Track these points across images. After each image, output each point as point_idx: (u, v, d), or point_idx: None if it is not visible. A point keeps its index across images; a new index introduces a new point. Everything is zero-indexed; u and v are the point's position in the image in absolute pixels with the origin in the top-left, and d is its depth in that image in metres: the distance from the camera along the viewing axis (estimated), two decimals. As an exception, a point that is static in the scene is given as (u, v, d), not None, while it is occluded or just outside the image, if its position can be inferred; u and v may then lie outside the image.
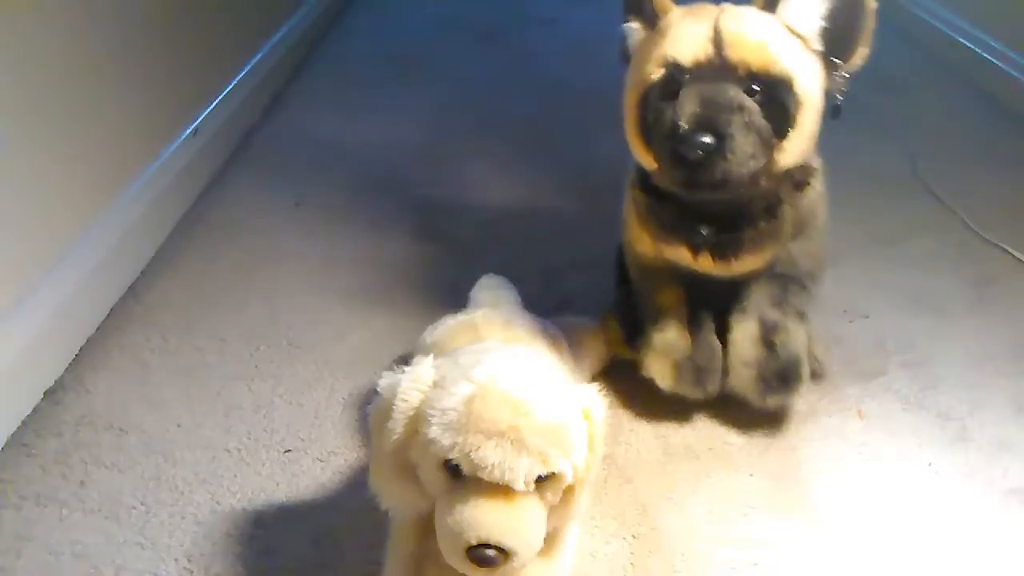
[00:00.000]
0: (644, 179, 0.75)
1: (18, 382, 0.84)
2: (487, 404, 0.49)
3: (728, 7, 0.65)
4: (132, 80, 1.13)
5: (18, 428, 0.83)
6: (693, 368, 0.78)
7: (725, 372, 0.79)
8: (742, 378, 0.77)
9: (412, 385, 0.52)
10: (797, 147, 0.65)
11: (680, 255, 0.76)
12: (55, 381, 0.90)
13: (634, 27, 0.72)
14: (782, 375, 0.76)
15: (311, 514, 0.74)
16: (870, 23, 0.65)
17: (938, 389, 0.87)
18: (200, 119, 1.31)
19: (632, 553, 0.70)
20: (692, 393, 0.79)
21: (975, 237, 1.12)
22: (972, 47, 1.60)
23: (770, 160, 0.64)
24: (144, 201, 1.12)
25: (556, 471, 0.50)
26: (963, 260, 1.08)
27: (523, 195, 1.28)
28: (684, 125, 0.61)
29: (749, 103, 0.62)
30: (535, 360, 0.56)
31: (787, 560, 0.69)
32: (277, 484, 0.77)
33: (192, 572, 0.69)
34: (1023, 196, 1.22)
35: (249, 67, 1.55)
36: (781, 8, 0.65)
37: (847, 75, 0.67)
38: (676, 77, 0.64)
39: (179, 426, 0.84)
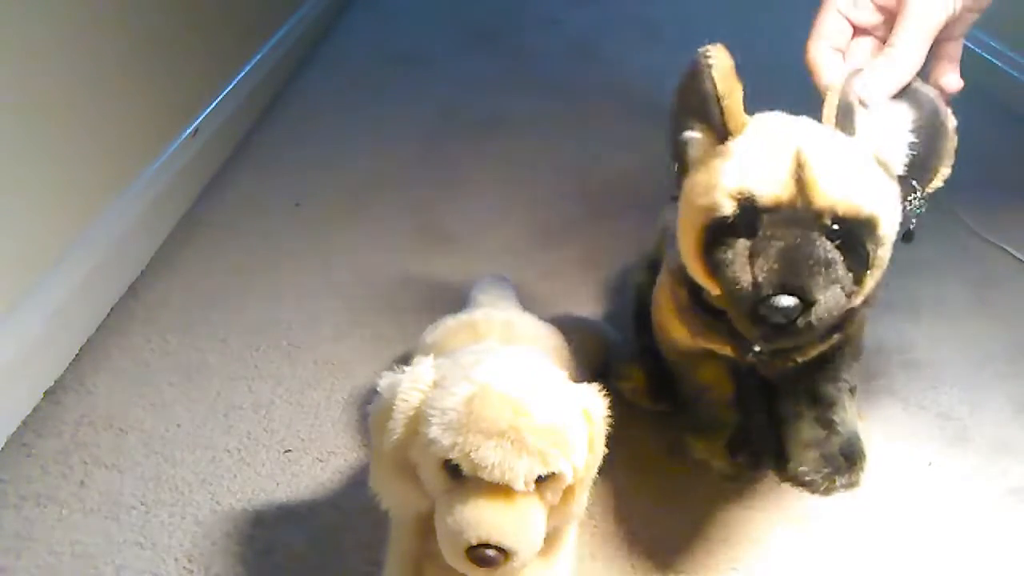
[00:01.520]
0: (692, 284, 0.65)
1: (18, 382, 0.84)
2: (487, 404, 0.49)
3: (809, 128, 0.57)
4: (132, 80, 1.13)
5: (18, 428, 0.83)
6: (748, 447, 0.75)
7: (779, 454, 0.77)
8: (805, 462, 0.75)
9: (412, 385, 0.52)
10: (872, 285, 0.59)
11: (723, 350, 0.70)
12: (55, 381, 0.90)
13: (696, 137, 0.60)
14: (846, 452, 0.74)
15: (311, 514, 0.74)
16: (952, 144, 0.58)
17: (938, 390, 0.87)
18: (200, 119, 1.31)
19: (632, 554, 0.70)
20: (751, 470, 0.76)
21: (975, 238, 1.12)
22: (972, 47, 1.60)
23: (848, 305, 0.58)
24: (144, 201, 1.12)
25: (556, 471, 0.50)
26: (964, 261, 1.08)
27: (523, 195, 1.28)
28: (766, 287, 0.53)
29: (835, 255, 0.55)
30: (535, 360, 0.56)
31: (788, 560, 0.69)
32: (277, 484, 0.77)
33: (192, 572, 0.69)
34: (1023, 196, 1.22)
35: (249, 67, 1.55)
36: (860, 128, 0.57)
37: (924, 199, 0.60)
38: (751, 215, 0.55)
39: (179, 426, 0.84)
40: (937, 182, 0.60)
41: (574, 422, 0.52)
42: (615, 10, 2.12)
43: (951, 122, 0.58)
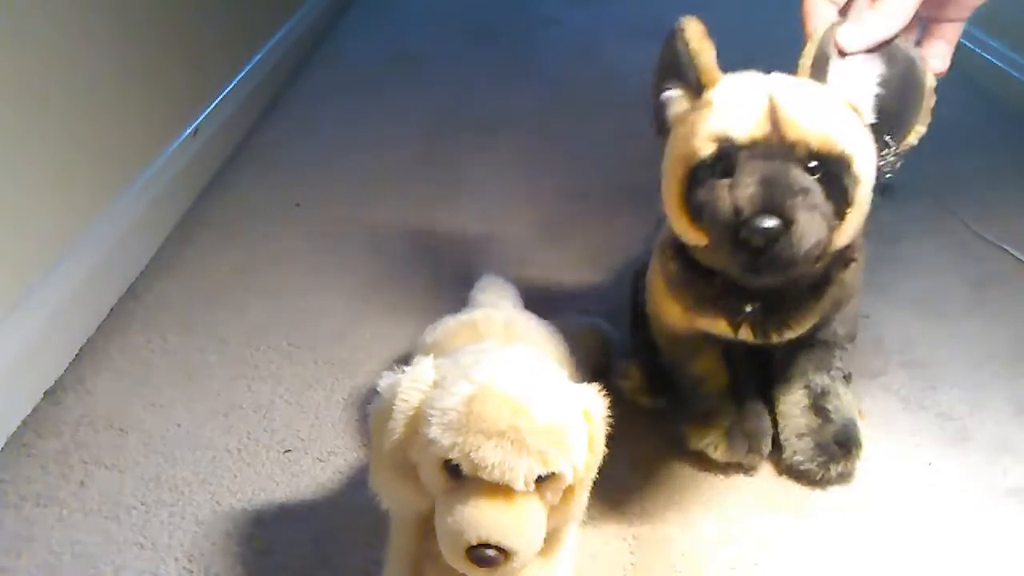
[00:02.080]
0: (682, 251, 0.69)
1: (18, 382, 0.84)
2: (487, 404, 0.49)
3: (781, 78, 0.60)
4: (132, 80, 1.13)
5: (18, 428, 0.83)
6: (744, 435, 0.75)
7: (775, 443, 0.77)
8: (800, 450, 0.75)
9: (412, 385, 0.52)
10: (853, 226, 0.61)
11: (716, 326, 0.71)
12: (55, 381, 0.90)
13: (675, 95, 0.64)
14: (840, 440, 0.74)
15: (311, 514, 0.74)
16: (928, 101, 0.60)
17: (938, 389, 0.87)
18: (200, 119, 1.32)
19: (632, 553, 0.70)
20: (748, 461, 0.76)
21: (975, 237, 1.12)
22: (972, 47, 1.60)
23: (828, 240, 0.60)
24: (144, 201, 1.12)
25: (556, 471, 0.50)
26: (963, 260, 1.08)
27: (523, 195, 1.28)
28: (747, 210, 0.55)
29: (812, 184, 0.57)
30: (535, 360, 0.56)
31: (787, 560, 0.69)
32: (277, 484, 0.77)
33: (192, 572, 0.69)
34: (1023, 196, 1.22)
35: (249, 67, 1.55)
36: (832, 77, 0.59)
37: (900, 153, 0.62)
38: (730, 154, 0.58)
39: (179, 426, 0.84)
40: (912, 139, 0.62)
41: (574, 422, 0.52)
42: (615, 10, 2.12)
43: (929, 81, 0.60)
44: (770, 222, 0.55)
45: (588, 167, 1.36)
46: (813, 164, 0.57)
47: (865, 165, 0.59)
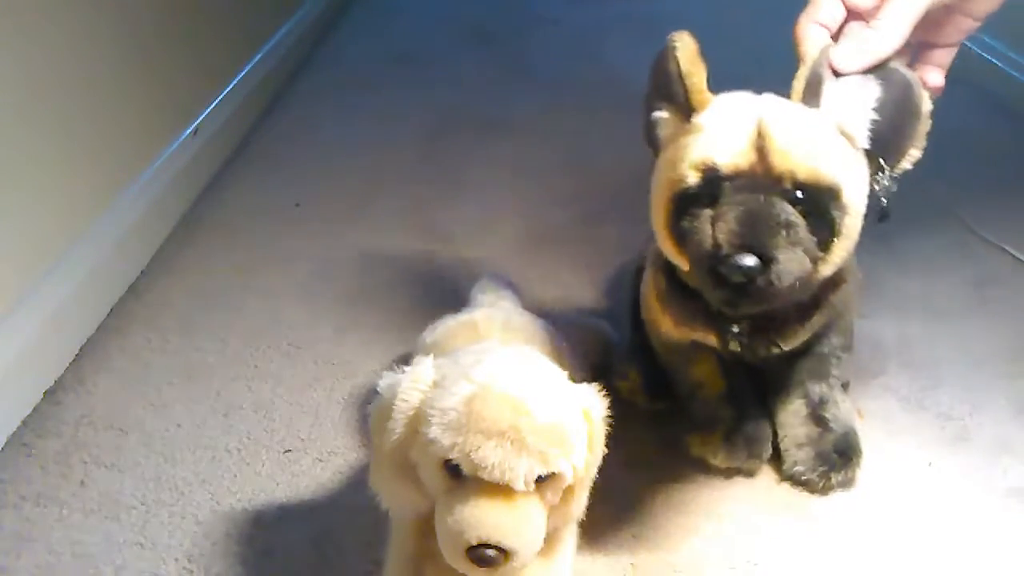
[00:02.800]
0: (669, 268, 0.68)
1: (18, 382, 0.84)
2: (487, 404, 0.49)
3: (771, 103, 0.58)
4: (132, 80, 1.13)
5: (18, 428, 0.83)
6: (744, 440, 0.75)
7: (774, 449, 0.77)
8: (801, 460, 0.74)
9: (412, 385, 0.52)
10: (839, 255, 0.59)
11: (708, 339, 0.71)
12: (55, 381, 0.90)
13: (664, 117, 0.63)
14: (840, 449, 0.74)
15: (311, 514, 0.74)
16: (924, 126, 0.59)
17: (938, 389, 0.87)
18: (200, 119, 1.32)
19: (632, 553, 0.70)
20: (748, 465, 0.76)
21: (975, 237, 1.12)
22: (972, 47, 1.60)
23: (812, 272, 0.59)
24: (144, 201, 1.12)
25: (556, 471, 0.50)
26: (963, 260, 1.08)
27: (523, 195, 1.28)
28: (726, 247, 0.54)
29: (795, 218, 0.56)
30: (535, 360, 0.56)
31: (787, 560, 0.69)
32: (277, 484, 0.77)
33: (192, 572, 0.69)
34: (1023, 196, 1.22)
35: (249, 67, 1.55)
36: (825, 101, 0.58)
37: (895, 177, 0.60)
38: (714, 184, 0.57)
39: (179, 426, 0.84)
40: (906, 164, 0.61)
41: (574, 422, 0.52)
42: (615, 10, 2.12)
43: (925, 105, 0.59)
44: (749, 260, 0.54)
45: (588, 167, 1.36)
46: (799, 195, 0.56)
47: (854, 195, 0.58)
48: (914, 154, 0.60)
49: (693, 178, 0.57)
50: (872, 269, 1.07)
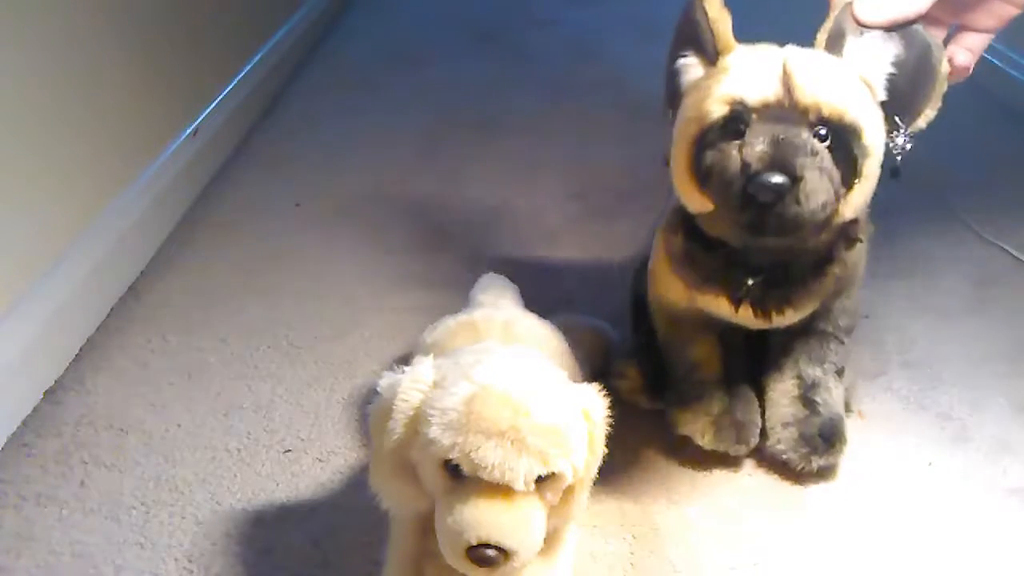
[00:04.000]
0: (687, 223, 0.69)
1: (18, 382, 0.84)
2: (487, 404, 0.49)
3: (795, 49, 0.61)
4: (132, 80, 1.13)
5: (18, 428, 0.83)
6: (733, 424, 0.75)
7: (762, 432, 0.77)
8: (784, 439, 0.75)
9: (412, 385, 0.52)
10: (860, 199, 0.61)
11: (718, 305, 0.71)
12: (55, 381, 0.90)
13: (690, 63, 0.65)
14: (825, 433, 0.74)
15: (311, 514, 0.74)
16: (940, 88, 0.61)
17: (938, 389, 0.87)
18: (200, 119, 1.32)
19: (632, 553, 0.70)
20: (734, 450, 0.76)
21: (975, 237, 1.12)
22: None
23: (835, 210, 0.60)
24: (144, 201, 1.12)
25: (556, 471, 0.50)
26: (963, 260, 1.08)
27: (522, 195, 1.28)
28: (755, 164, 0.56)
29: (821, 148, 0.58)
30: (535, 360, 0.56)
31: (787, 560, 0.69)
32: (277, 484, 0.77)
33: (192, 572, 0.69)
34: (1023, 196, 1.23)
35: (249, 67, 1.55)
36: (847, 52, 0.61)
37: (909, 135, 0.62)
38: (742, 116, 0.59)
39: (179, 426, 0.84)
40: (921, 123, 0.63)
41: (574, 422, 0.52)
42: (615, 10, 2.12)
43: (943, 67, 0.61)
44: (778, 178, 0.56)
45: (587, 167, 1.36)
46: (823, 131, 0.58)
47: (874, 138, 0.60)
48: (929, 114, 0.62)
49: (720, 112, 0.59)
50: (872, 269, 1.07)
